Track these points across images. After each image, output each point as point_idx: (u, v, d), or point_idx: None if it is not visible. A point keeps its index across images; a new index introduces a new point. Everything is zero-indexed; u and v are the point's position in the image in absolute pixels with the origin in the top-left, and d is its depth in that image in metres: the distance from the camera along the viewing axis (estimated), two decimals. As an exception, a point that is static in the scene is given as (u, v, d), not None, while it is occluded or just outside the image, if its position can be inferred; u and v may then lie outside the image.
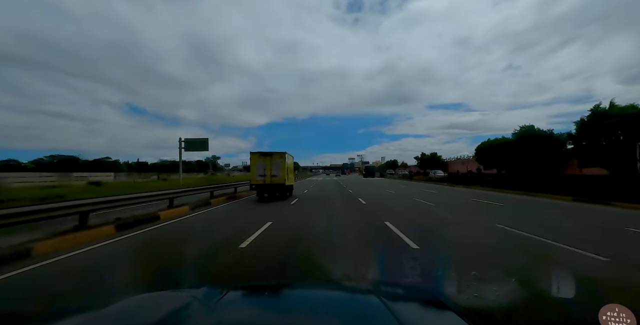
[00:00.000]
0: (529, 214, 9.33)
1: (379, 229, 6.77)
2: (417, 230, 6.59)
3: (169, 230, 7.04)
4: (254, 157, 13.99)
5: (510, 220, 7.79)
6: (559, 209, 10.54)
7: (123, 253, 5.03)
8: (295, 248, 5.16)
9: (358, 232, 6.44)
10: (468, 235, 6.02)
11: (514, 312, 2.70)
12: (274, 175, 13.70)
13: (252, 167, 14.00)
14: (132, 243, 5.71)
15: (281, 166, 13.75)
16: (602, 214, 9.41)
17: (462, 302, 2.73)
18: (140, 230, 6.80)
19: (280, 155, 13.92)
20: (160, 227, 7.28)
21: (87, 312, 1.05)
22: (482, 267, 3.95)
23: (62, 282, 3.73)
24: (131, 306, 1.09)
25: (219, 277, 3.83)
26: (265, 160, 13.84)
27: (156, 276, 3.82)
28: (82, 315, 1.01)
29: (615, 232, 6.58)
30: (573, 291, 3.13)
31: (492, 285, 3.28)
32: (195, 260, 4.51)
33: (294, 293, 1.40)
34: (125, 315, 0.98)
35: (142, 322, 0.91)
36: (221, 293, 1.13)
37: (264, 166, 13.74)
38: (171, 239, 6.21)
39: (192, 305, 0.97)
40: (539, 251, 4.92)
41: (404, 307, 1.06)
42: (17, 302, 1.88)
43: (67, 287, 3.62)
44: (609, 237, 6.03)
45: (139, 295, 1.28)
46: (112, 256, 4.84)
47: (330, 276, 3.75)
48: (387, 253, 4.90)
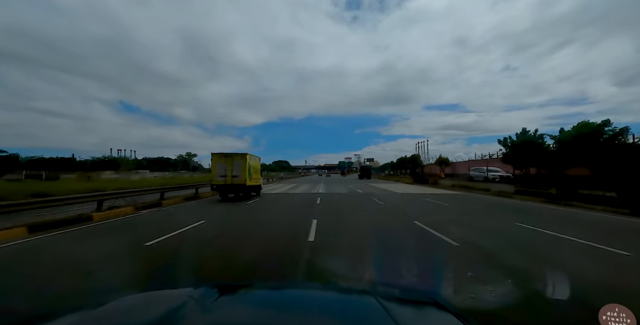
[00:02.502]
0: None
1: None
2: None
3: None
4: (215, 157, 13.99)
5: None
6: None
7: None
8: (201, 248, 5.17)
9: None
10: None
11: (510, 312, 2.71)
12: (235, 176, 13.71)
13: (213, 167, 14.04)
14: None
15: (242, 167, 13.76)
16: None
17: (458, 303, 2.74)
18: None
19: (242, 156, 14.01)
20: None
21: (81, 312, 1.03)
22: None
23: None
24: (126, 305, 1.07)
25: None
26: (226, 160, 13.85)
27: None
28: (75, 315, 0.99)
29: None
30: (568, 293, 3.10)
31: (488, 286, 3.28)
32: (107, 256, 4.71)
33: (289, 293, 1.38)
34: (119, 315, 0.97)
35: (137, 321, 0.90)
36: (217, 292, 1.13)
37: (225, 167, 13.74)
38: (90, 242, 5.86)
39: (187, 305, 0.95)
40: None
41: (400, 308, 1.06)
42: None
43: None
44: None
45: (134, 295, 1.27)
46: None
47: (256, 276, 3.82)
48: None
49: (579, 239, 5.75)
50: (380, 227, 7.08)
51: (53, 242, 5.69)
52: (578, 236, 5.91)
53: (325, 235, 5.93)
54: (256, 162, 16.40)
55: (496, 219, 8.34)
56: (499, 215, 9.07)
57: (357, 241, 5.65)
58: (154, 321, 0.84)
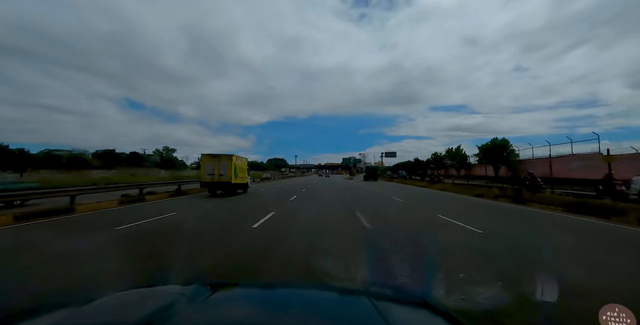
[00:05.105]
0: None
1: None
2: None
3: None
4: (204, 157, 15.89)
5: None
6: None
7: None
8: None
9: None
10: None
11: (500, 313, 2.73)
12: (222, 174, 15.29)
13: (202, 166, 15.92)
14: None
15: (229, 167, 15.40)
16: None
17: (449, 304, 2.77)
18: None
19: (228, 157, 15.67)
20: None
21: (69, 309, 1.01)
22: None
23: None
24: (115, 302, 1.06)
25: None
26: (214, 161, 15.47)
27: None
28: (63, 311, 0.98)
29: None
30: (557, 294, 3.11)
31: (479, 288, 3.30)
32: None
33: (280, 292, 1.38)
34: (109, 312, 0.96)
35: (129, 318, 0.89)
36: (209, 290, 1.12)
37: (213, 166, 15.33)
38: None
39: (179, 302, 0.95)
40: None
41: (392, 308, 1.07)
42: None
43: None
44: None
45: (126, 291, 1.25)
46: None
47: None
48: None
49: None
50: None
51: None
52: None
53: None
54: (243, 162, 17.98)
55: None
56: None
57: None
58: (144, 318, 0.82)
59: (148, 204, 11.78)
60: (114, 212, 9.62)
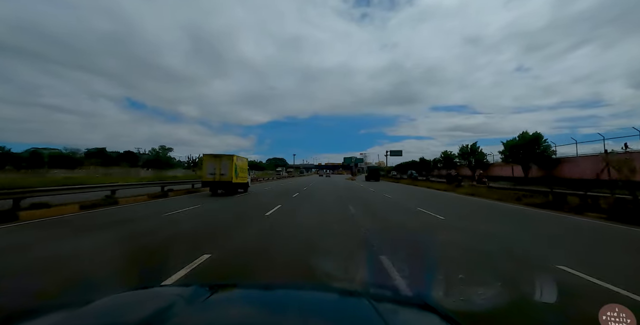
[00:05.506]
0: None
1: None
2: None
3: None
4: (206, 158, 16.20)
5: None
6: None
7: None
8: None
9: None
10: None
11: (500, 315, 2.75)
12: (223, 174, 15.51)
13: (204, 166, 16.09)
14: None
15: (229, 166, 15.63)
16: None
17: (449, 305, 2.77)
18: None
19: (229, 157, 15.88)
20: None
21: (68, 310, 1.00)
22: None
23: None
24: (115, 303, 1.05)
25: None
26: (215, 161, 15.69)
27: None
28: (62, 313, 0.97)
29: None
30: (556, 296, 3.13)
31: (479, 289, 3.30)
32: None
33: (279, 293, 1.36)
34: (108, 312, 0.95)
35: (127, 319, 0.88)
36: (209, 292, 1.12)
37: (214, 166, 15.53)
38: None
39: (178, 304, 0.94)
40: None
41: (392, 310, 1.08)
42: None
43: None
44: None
45: (124, 293, 1.25)
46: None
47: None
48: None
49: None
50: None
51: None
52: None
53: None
54: (243, 162, 18.22)
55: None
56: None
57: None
58: (143, 320, 0.83)
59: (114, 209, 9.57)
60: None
